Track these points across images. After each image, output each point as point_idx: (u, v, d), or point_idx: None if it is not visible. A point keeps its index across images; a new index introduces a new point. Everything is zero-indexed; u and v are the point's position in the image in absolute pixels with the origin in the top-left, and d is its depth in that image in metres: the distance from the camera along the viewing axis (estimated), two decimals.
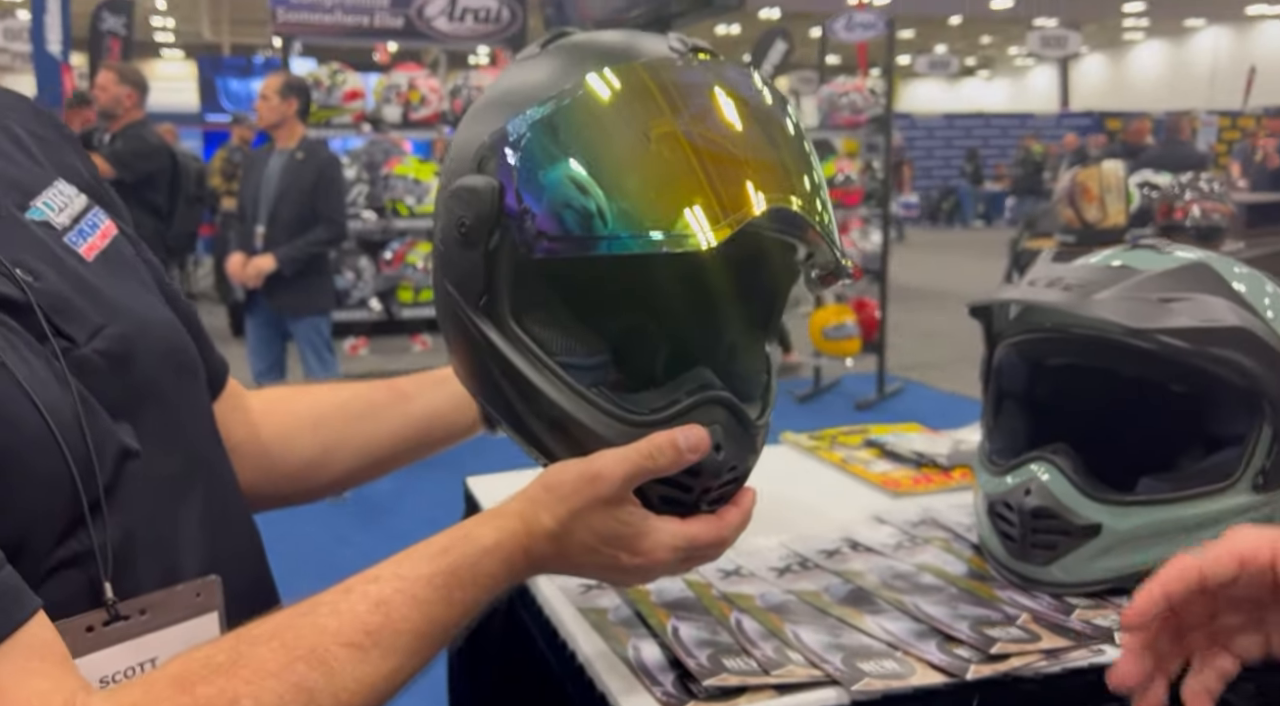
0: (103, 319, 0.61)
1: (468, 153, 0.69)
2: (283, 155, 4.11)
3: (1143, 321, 0.84)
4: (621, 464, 0.66)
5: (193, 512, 0.65)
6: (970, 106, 27.33)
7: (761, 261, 0.76)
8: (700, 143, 0.64)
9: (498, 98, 0.71)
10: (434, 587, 0.60)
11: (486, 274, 0.68)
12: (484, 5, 5.26)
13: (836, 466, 1.29)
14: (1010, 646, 0.79)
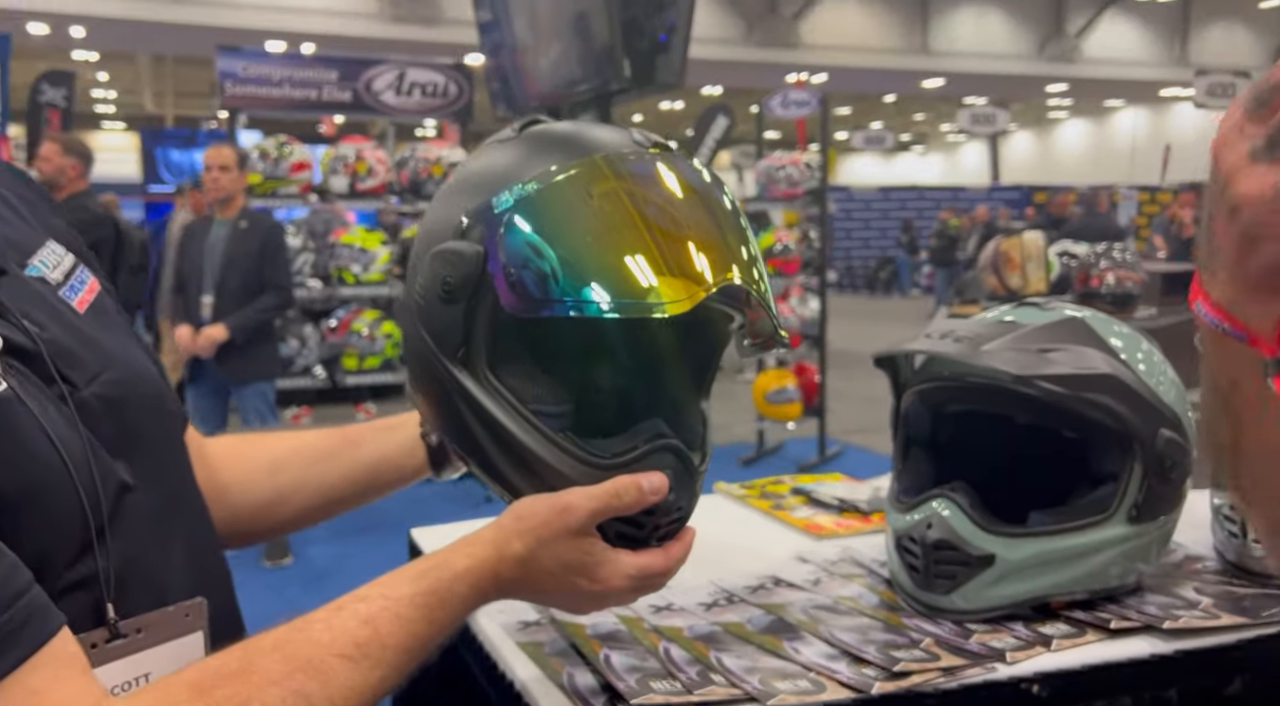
0: (99, 366, 0.67)
1: (451, 221, 0.77)
2: (225, 225, 4.17)
3: (1025, 369, 0.94)
4: (590, 500, 0.74)
5: (177, 542, 0.71)
6: (905, 180, 28.27)
7: (702, 328, 0.85)
8: (655, 225, 0.73)
9: (478, 175, 0.79)
10: (415, 607, 0.67)
11: (465, 328, 0.76)
12: (431, 80, 5.40)
13: (764, 512, 1.37)
14: (912, 665, 0.86)
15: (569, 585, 0.74)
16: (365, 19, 15.79)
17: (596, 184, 0.75)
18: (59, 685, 0.54)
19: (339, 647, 0.62)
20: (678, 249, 0.73)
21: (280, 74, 5.19)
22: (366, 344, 5.19)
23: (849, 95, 24.02)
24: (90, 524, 0.61)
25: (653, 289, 0.72)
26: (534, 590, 0.75)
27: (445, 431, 0.82)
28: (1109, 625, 0.94)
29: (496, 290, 0.74)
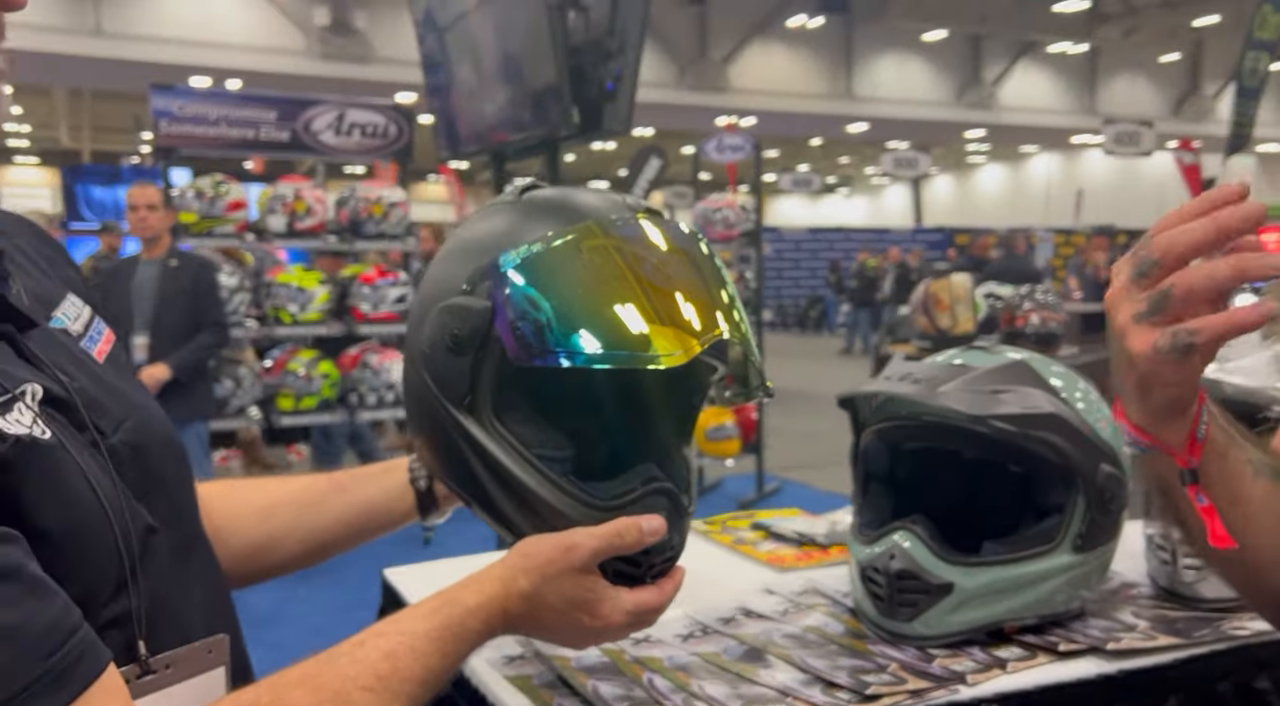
0: (123, 414, 0.70)
1: (456, 279, 0.82)
2: (153, 264, 4.14)
3: (978, 409, 1.01)
4: (593, 539, 0.79)
5: (195, 581, 0.74)
6: (831, 222, 28.95)
7: (686, 378, 0.91)
8: (650, 284, 0.80)
9: (481, 238, 0.85)
10: (431, 641, 0.71)
11: (472, 378, 0.81)
12: (371, 120, 5.42)
13: (728, 547, 1.42)
14: (882, 689, 0.92)
15: (571, 621, 0.79)
16: (294, 56, 15.70)
17: (593, 245, 0.81)
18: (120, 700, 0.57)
19: (362, 681, 0.66)
20: (671, 306, 0.80)
21: (217, 113, 5.15)
22: (303, 384, 5.13)
23: (777, 138, 24.61)
24: (125, 564, 0.63)
25: (651, 343, 0.78)
26: (538, 626, 0.79)
27: (448, 474, 0.86)
28: (1058, 647, 1.01)
29: (504, 343, 0.79)
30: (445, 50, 4.08)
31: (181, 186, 4.95)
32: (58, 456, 0.60)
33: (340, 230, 5.17)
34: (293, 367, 5.10)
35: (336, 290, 5.21)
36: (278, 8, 15.55)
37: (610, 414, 0.91)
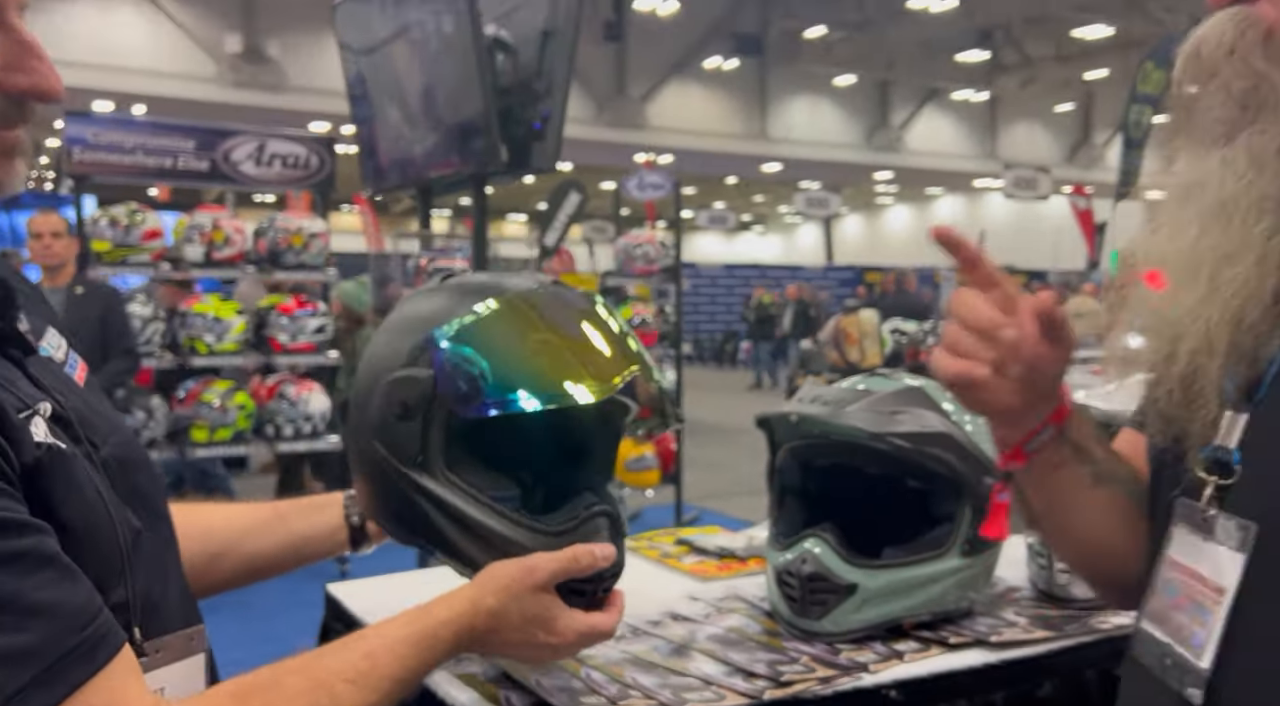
0: (108, 431, 0.78)
1: (398, 354, 0.95)
2: (57, 293, 4.09)
3: (879, 428, 1.14)
4: (551, 562, 0.90)
5: (172, 578, 0.82)
6: (747, 258, 29.54)
7: (606, 420, 1.05)
8: (571, 339, 0.95)
9: (416, 317, 0.97)
10: (407, 646, 0.81)
11: (422, 439, 0.93)
12: (293, 151, 5.42)
13: (654, 561, 1.52)
14: (795, 677, 1.03)
15: (530, 637, 0.89)
16: (204, 83, 15.45)
17: (517, 312, 0.95)
18: (129, 687, 0.65)
19: (345, 675, 0.76)
20: (589, 354, 0.95)
21: (133, 141, 5.09)
22: (218, 415, 5.06)
23: (694, 176, 25.09)
24: (123, 558, 0.71)
25: (577, 384, 0.92)
26: (501, 641, 0.89)
27: (409, 529, 0.98)
28: (948, 641, 1.14)
29: (450, 403, 0.91)
30: (370, 81, 4.14)
31: (95, 214, 4.88)
32: (74, 463, 0.68)
33: (259, 260, 5.14)
34: (207, 398, 5.03)
35: (254, 320, 5.17)
36: (187, 33, 15.30)
37: (547, 453, 1.04)
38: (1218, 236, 0.74)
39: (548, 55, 3.19)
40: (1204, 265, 0.74)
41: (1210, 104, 0.76)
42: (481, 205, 3.50)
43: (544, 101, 3.19)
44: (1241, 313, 0.73)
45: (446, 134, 3.44)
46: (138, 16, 14.97)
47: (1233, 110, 0.74)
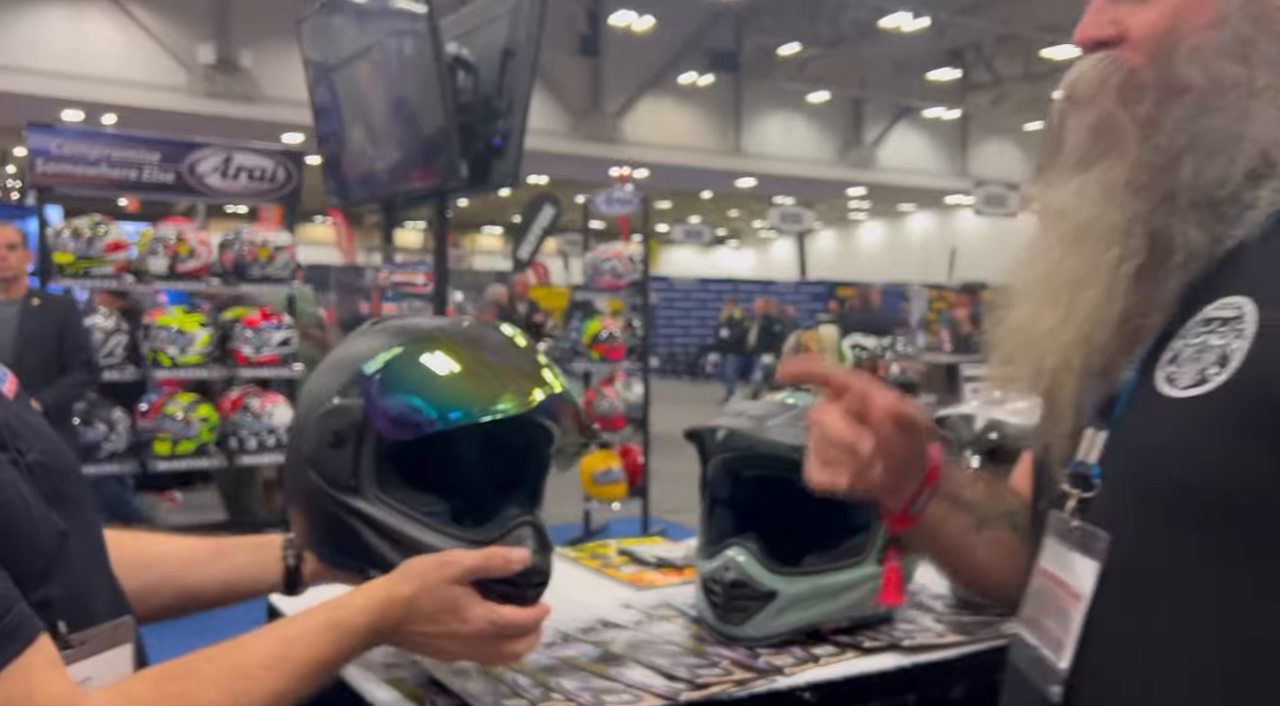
0: (32, 439, 0.82)
1: (329, 389, 1.01)
2: (12, 305, 4.11)
3: (798, 440, 1.18)
4: (467, 558, 0.95)
5: (100, 578, 0.85)
6: (722, 272, 29.70)
7: (530, 448, 1.11)
8: (491, 365, 1.02)
9: (348, 354, 1.04)
10: (321, 634, 0.85)
11: (354, 465, 0.99)
12: (259, 164, 5.42)
13: (594, 570, 1.56)
14: (712, 679, 1.07)
15: (444, 626, 0.93)
16: (175, 93, 15.37)
17: (439, 345, 1.02)
18: (46, 675, 0.68)
19: (261, 661, 0.80)
20: (507, 376, 1.02)
21: (98, 153, 5.08)
22: (181, 428, 5.04)
23: (669, 190, 25.22)
24: (46, 558, 0.75)
25: (496, 402, 0.99)
26: (416, 632, 0.93)
27: (346, 553, 1.02)
28: (863, 645, 1.18)
29: (378, 428, 0.98)
30: (334, 96, 4.18)
31: (57, 226, 4.86)
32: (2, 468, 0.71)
33: (224, 273, 5.14)
34: (170, 411, 5.01)
35: (218, 333, 5.17)
36: (159, 43, 15.23)
37: (476, 478, 1.10)
38: (1074, 262, 0.79)
39: (508, 74, 3.24)
40: (1062, 289, 0.80)
41: (1075, 136, 0.82)
42: (442, 221, 3.54)
43: (504, 119, 3.24)
44: (1093, 334, 0.78)
45: (408, 150, 3.47)
46: (109, 26, 14.89)
47: (1090, 143, 0.80)
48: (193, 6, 15.28)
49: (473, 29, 3.42)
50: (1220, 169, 0.75)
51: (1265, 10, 0.76)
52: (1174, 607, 0.74)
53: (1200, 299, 0.76)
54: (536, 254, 14.21)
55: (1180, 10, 0.77)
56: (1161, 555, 0.74)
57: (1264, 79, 0.75)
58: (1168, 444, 0.74)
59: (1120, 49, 0.80)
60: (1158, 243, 0.78)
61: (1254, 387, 0.69)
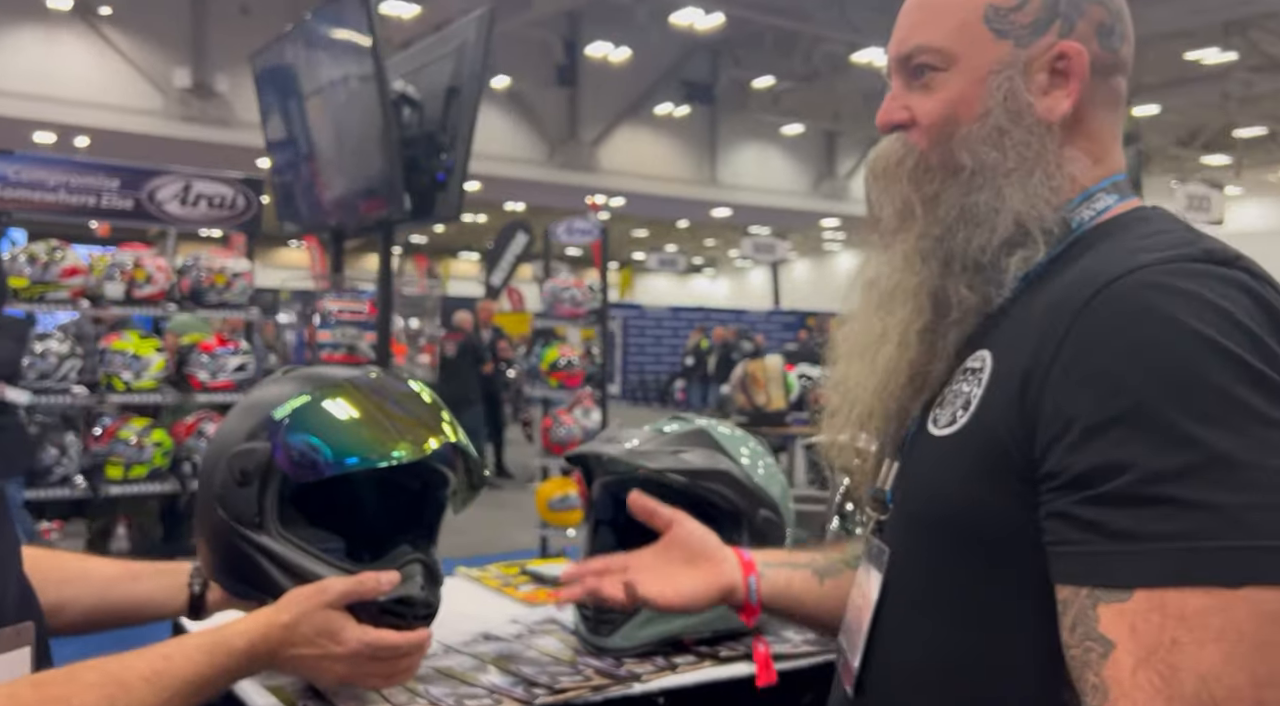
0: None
1: (239, 431, 1.10)
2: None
3: (660, 464, 1.27)
4: (340, 583, 1.04)
5: (11, 579, 0.92)
6: (699, 300, 29.89)
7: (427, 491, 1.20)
8: (390, 413, 1.11)
9: (259, 399, 1.14)
10: (202, 652, 0.92)
11: (259, 502, 1.08)
12: (219, 192, 5.49)
13: (494, 589, 1.63)
14: (570, 685, 1.15)
15: (320, 647, 1.01)
16: (149, 116, 15.39)
17: (343, 393, 1.12)
18: None
19: (143, 673, 0.87)
20: (405, 425, 1.11)
21: (56, 179, 5.14)
22: (134, 452, 5.07)
23: (645, 219, 25.43)
24: None
25: (394, 448, 1.08)
26: (295, 654, 1.01)
27: (250, 585, 1.11)
28: (720, 654, 1.27)
29: (283, 470, 1.07)
30: (287, 128, 4.27)
31: (13, 251, 4.90)
32: None
33: (181, 299, 5.19)
34: (124, 436, 5.04)
35: (174, 358, 5.21)
36: (133, 66, 15.27)
37: (374, 517, 1.19)
38: (879, 321, 0.91)
39: (452, 110, 3.34)
40: (869, 346, 0.92)
41: (881, 210, 0.93)
42: (387, 250, 3.63)
43: (448, 153, 3.34)
44: (888, 383, 0.90)
45: (356, 182, 3.56)
46: (83, 48, 14.92)
47: (893, 219, 0.92)
48: (168, 31, 15.34)
49: (420, 67, 3.53)
50: (984, 238, 0.87)
51: (1019, 106, 0.88)
52: (926, 609, 0.86)
53: (966, 351, 0.88)
54: (510, 280, 14.29)
55: (956, 102, 0.89)
56: (919, 565, 0.87)
57: (1012, 162, 0.87)
58: (926, 474, 0.87)
59: (911, 132, 0.91)
60: (940, 302, 0.89)
61: (983, 429, 0.81)
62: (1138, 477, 0.69)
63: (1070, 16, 0.88)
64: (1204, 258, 0.76)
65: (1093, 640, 0.71)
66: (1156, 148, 21.56)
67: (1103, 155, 0.91)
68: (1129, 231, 0.85)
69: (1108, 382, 0.72)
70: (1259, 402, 0.69)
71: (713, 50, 19.69)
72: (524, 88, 17.99)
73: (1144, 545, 0.69)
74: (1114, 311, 0.74)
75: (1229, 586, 0.67)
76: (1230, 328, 0.71)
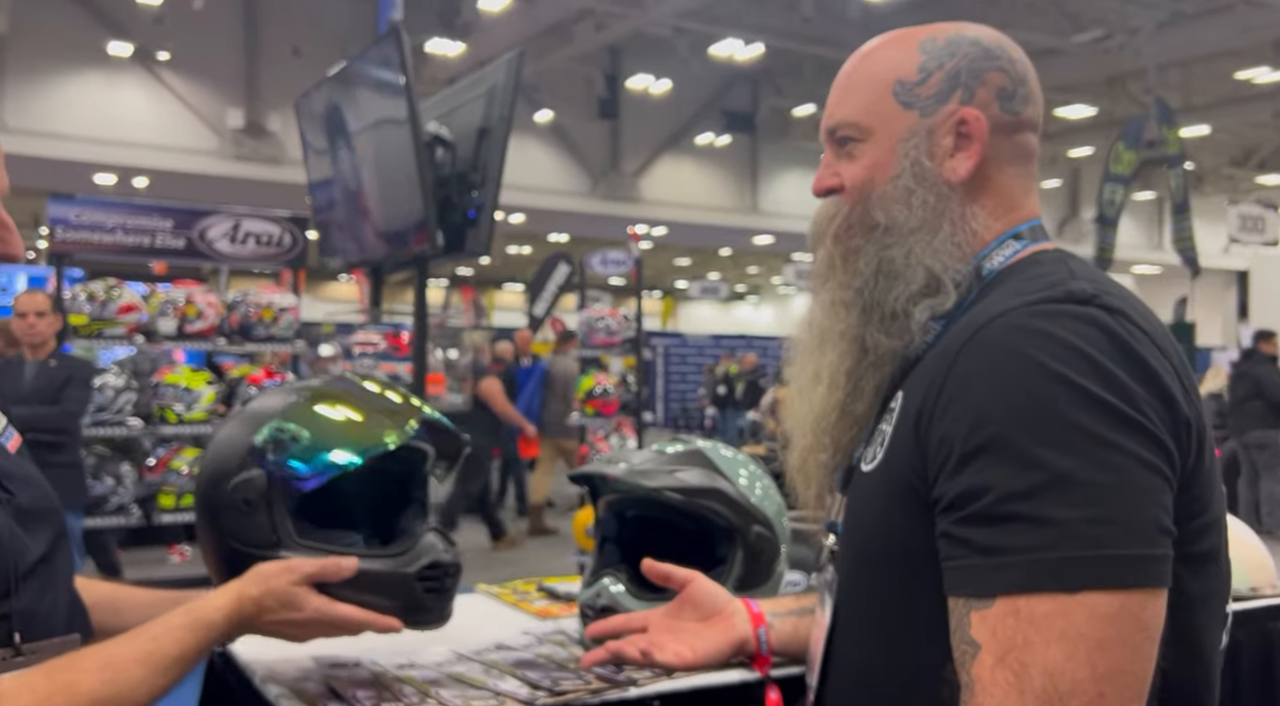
0: (23, 484, 1.03)
1: (229, 466, 1.18)
2: (35, 365, 4.37)
3: (656, 482, 1.36)
4: (308, 564, 1.14)
5: (63, 595, 1.06)
6: (743, 328, 29.89)
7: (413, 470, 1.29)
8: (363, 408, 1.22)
9: (227, 438, 1.22)
10: (184, 630, 1.03)
11: (270, 522, 1.17)
12: (266, 230, 5.72)
13: (510, 604, 1.72)
14: (569, 687, 1.23)
15: (286, 617, 1.13)
16: (205, 156, 15.89)
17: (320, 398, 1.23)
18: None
19: (134, 655, 0.98)
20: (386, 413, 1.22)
21: (113, 221, 5.40)
22: (185, 482, 5.26)
23: (687, 248, 25.56)
24: (12, 579, 0.95)
25: (381, 439, 1.18)
26: (267, 622, 1.12)
27: None
28: None
29: (286, 484, 1.16)
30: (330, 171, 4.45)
31: (74, 290, 5.15)
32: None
33: (230, 333, 5.40)
34: (176, 466, 5.24)
35: (225, 391, 5.40)
36: (190, 108, 15.80)
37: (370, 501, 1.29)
38: (814, 362, 1.00)
39: (483, 150, 3.49)
40: (809, 384, 1.01)
41: (815, 262, 1.03)
42: (423, 285, 3.77)
43: (479, 191, 3.47)
44: (822, 419, 0.99)
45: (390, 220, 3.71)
46: (142, 92, 15.48)
47: (823, 269, 1.01)
48: (223, 73, 15.87)
49: (452, 109, 3.68)
50: (900, 289, 0.96)
51: (924, 169, 0.97)
52: (868, 631, 0.95)
53: (890, 393, 0.96)
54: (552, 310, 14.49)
55: (873, 167, 0.99)
56: (860, 591, 0.96)
57: (919, 219, 0.96)
58: (858, 507, 0.97)
59: (841, 195, 1.01)
60: (862, 347, 0.98)
61: (894, 464, 0.90)
62: (996, 498, 0.78)
63: (970, 85, 0.97)
64: (1064, 298, 0.84)
65: (966, 642, 0.80)
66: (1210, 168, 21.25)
67: (1013, 206, 0.99)
68: (1018, 276, 0.93)
69: (974, 416, 0.81)
70: (1097, 426, 0.77)
71: (753, 80, 19.85)
72: (566, 121, 18.28)
73: (1001, 558, 0.77)
74: (981, 352, 0.84)
75: (1069, 592, 0.75)
76: (1076, 360, 0.79)
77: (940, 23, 1.02)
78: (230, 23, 15.65)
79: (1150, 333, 0.84)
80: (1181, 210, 12.61)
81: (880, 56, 1.00)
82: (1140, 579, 0.76)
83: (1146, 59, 14.06)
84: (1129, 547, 0.76)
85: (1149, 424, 0.79)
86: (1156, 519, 0.78)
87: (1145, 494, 0.78)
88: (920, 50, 0.98)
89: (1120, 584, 0.75)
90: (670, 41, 15.42)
